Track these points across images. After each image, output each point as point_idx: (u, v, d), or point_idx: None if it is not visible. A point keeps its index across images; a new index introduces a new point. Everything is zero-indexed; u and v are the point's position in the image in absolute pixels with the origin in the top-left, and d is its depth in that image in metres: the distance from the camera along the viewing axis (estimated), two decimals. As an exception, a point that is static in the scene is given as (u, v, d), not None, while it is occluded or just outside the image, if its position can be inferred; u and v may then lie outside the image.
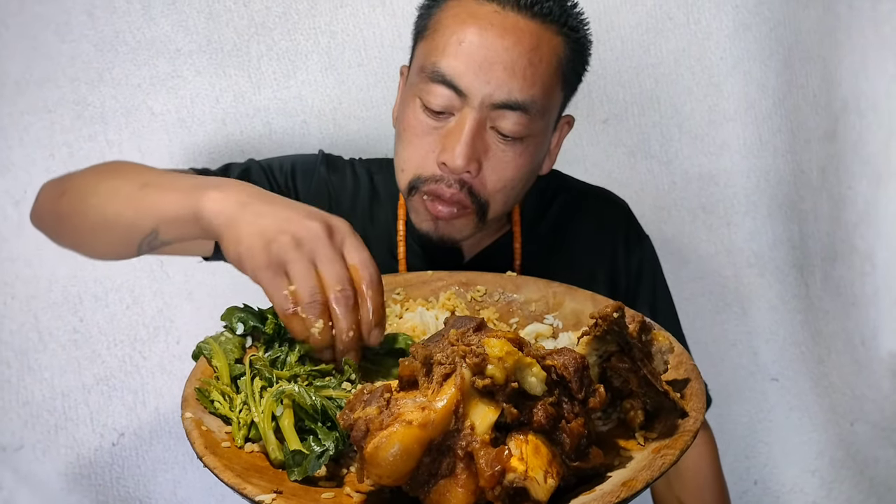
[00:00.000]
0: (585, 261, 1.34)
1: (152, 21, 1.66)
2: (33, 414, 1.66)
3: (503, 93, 1.09)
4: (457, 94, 1.10)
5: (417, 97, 1.14)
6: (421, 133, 1.14)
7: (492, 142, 1.13)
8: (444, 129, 1.12)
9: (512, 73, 1.09)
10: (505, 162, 1.14)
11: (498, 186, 1.15)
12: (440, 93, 1.11)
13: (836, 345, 1.91)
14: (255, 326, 0.93)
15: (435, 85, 1.11)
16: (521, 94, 1.10)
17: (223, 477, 0.69)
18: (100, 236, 1.08)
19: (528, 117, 1.12)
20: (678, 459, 0.73)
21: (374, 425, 0.66)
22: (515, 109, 1.10)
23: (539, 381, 0.70)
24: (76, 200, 1.10)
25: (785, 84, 1.83)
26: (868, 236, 1.91)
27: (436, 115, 1.13)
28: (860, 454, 1.89)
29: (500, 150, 1.13)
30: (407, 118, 1.16)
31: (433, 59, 1.12)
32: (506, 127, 1.11)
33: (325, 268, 0.83)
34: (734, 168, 1.85)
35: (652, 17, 1.79)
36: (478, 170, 1.13)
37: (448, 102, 1.11)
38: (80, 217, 1.08)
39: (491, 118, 1.11)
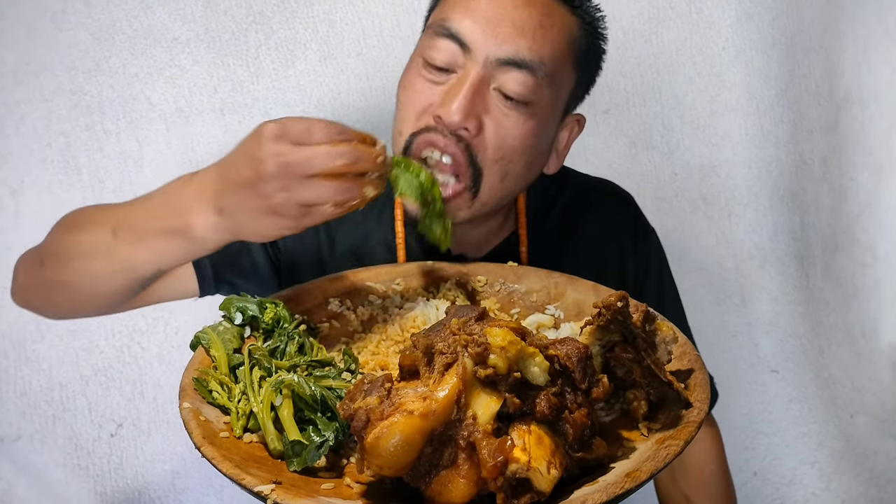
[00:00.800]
0: (593, 258, 1.30)
1: (149, 10, 1.65)
2: (31, 404, 1.66)
3: (510, 49, 1.04)
4: (461, 49, 1.05)
5: (420, 56, 1.10)
6: (420, 89, 1.08)
7: (494, 104, 1.06)
8: (444, 86, 1.07)
9: (521, 31, 1.05)
10: (507, 127, 1.07)
11: (497, 154, 1.07)
12: (444, 46, 1.06)
13: (836, 336, 1.91)
14: (254, 316, 0.93)
15: (440, 39, 1.06)
16: (528, 52, 1.05)
17: (221, 467, 0.69)
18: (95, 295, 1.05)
19: (535, 79, 1.06)
20: (683, 450, 0.72)
21: (375, 415, 0.65)
22: (521, 68, 1.05)
23: (542, 371, 0.70)
24: (59, 267, 1.06)
25: (787, 74, 1.82)
26: (869, 228, 1.90)
27: (438, 71, 1.07)
28: (860, 446, 1.89)
29: (503, 112, 1.06)
30: (406, 77, 1.12)
31: (441, 16, 1.09)
32: (510, 87, 1.05)
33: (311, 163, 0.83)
34: (736, 159, 1.84)
35: (654, 7, 1.78)
36: (477, 128, 1.05)
37: (451, 57, 1.06)
38: (69, 283, 1.05)
39: (496, 78, 1.05)
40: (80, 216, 1.10)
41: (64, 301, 1.09)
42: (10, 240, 1.64)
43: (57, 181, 1.65)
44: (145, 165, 1.68)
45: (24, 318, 1.66)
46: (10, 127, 1.63)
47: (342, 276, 1.09)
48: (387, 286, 1.09)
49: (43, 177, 1.64)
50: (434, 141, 1.06)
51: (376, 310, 1.05)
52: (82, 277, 1.03)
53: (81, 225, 1.06)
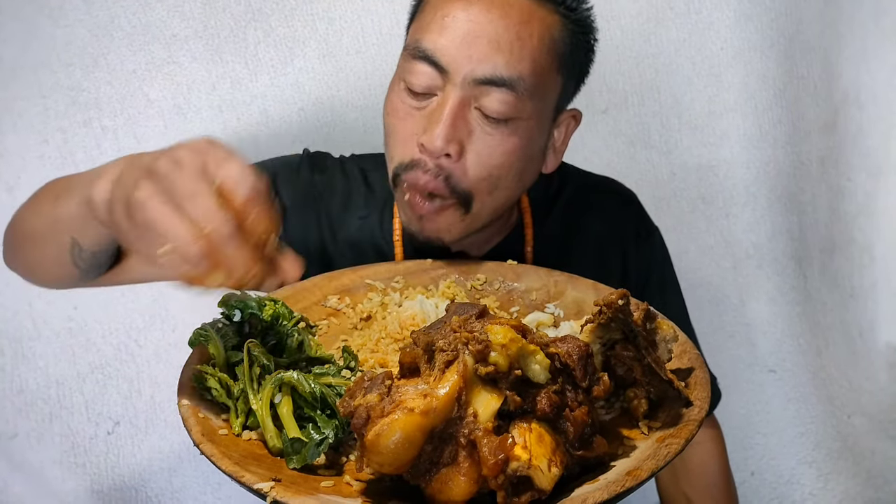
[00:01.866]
0: (596, 256, 1.29)
1: (148, 6, 1.64)
2: (28, 402, 1.65)
3: (487, 67, 1.01)
4: (438, 72, 1.03)
5: (401, 79, 1.08)
6: (403, 116, 1.07)
7: (476, 124, 1.04)
8: (426, 109, 1.05)
9: (497, 47, 1.01)
10: (490, 146, 1.05)
11: (482, 174, 1.06)
12: (422, 70, 1.04)
13: (833, 336, 1.91)
14: (253, 314, 0.92)
15: (416, 63, 1.04)
16: (506, 69, 1.02)
17: (221, 465, 0.68)
18: (39, 260, 0.98)
19: (515, 96, 1.03)
20: (683, 449, 0.72)
21: (376, 412, 0.65)
22: (500, 86, 1.02)
23: (542, 369, 0.69)
24: (16, 231, 1.02)
25: (785, 75, 1.82)
26: (867, 228, 1.90)
27: (418, 96, 1.05)
28: (857, 446, 1.90)
29: (485, 132, 1.05)
30: (391, 102, 1.10)
31: (416, 36, 1.06)
32: (490, 106, 1.03)
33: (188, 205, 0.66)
34: (734, 159, 1.85)
35: (653, 7, 1.78)
36: (459, 153, 1.04)
37: (430, 81, 1.04)
38: (26, 249, 1.00)
39: (475, 97, 1.03)
40: (45, 185, 1.03)
41: (24, 265, 1.04)
42: (6, 236, 1.64)
43: (54, 177, 1.64)
44: (143, 163, 1.67)
45: (20, 315, 1.65)
46: (7, 123, 1.62)
47: (341, 274, 1.08)
48: (386, 284, 1.09)
49: (40, 173, 1.63)
50: (416, 181, 1.05)
51: (375, 307, 1.05)
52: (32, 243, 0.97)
53: (40, 191, 1.01)
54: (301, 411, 0.77)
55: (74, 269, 0.94)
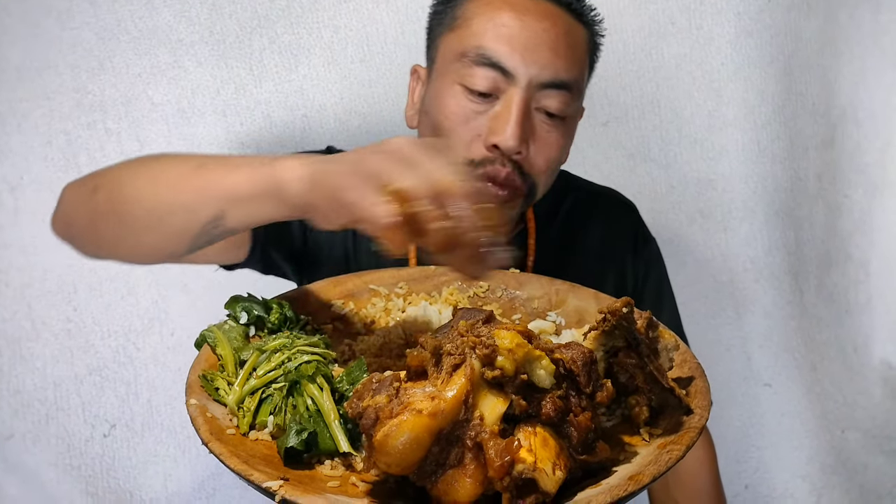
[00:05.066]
0: (595, 261, 1.34)
1: (154, 10, 1.65)
2: (24, 403, 1.65)
3: (550, 72, 1.11)
4: (503, 75, 1.11)
5: (457, 84, 1.14)
6: (465, 119, 1.13)
7: (538, 123, 1.15)
8: (490, 113, 1.13)
9: (556, 54, 1.12)
10: (550, 142, 1.15)
11: (544, 167, 1.16)
12: (486, 75, 1.11)
13: (828, 352, 1.93)
14: (259, 316, 0.93)
15: (480, 68, 1.11)
16: (566, 73, 1.13)
17: (230, 463, 0.69)
18: (149, 231, 0.92)
19: (571, 96, 1.15)
20: (684, 455, 0.73)
21: (384, 413, 0.65)
22: (561, 88, 1.13)
23: (548, 374, 0.70)
24: (116, 194, 0.94)
25: (784, 91, 1.84)
26: (863, 245, 1.92)
27: (480, 98, 1.12)
28: (851, 461, 1.91)
29: (546, 130, 1.15)
30: (447, 107, 1.15)
31: (475, 43, 1.13)
32: (552, 106, 1.13)
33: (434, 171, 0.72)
34: (732, 173, 1.86)
35: (654, 22, 1.80)
36: (527, 150, 1.14)
37: (494, 84, 1.11)
38: (123, 212, 0.93)
39: (536, 99, 1.13)
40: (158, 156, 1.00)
41: (108, 234, 0.97)
42: (7, 237, 1.64)
43: (57, 179, 1.65)
44: (146, 166, 1.68)
45: (19, 316, 1.65)
46: (12, 124, 1.62)
47: (346, 279, 1.09)
48: (389, 289, 1.09)
49: (43, 174, 1.64)
50: (496, 175, 1.13)
51: (379, 313, 1.05)
52: (138, 210, 0.92)
53: (160, 159, 0.97)
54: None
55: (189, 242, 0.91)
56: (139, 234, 0.94)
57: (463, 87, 1.13)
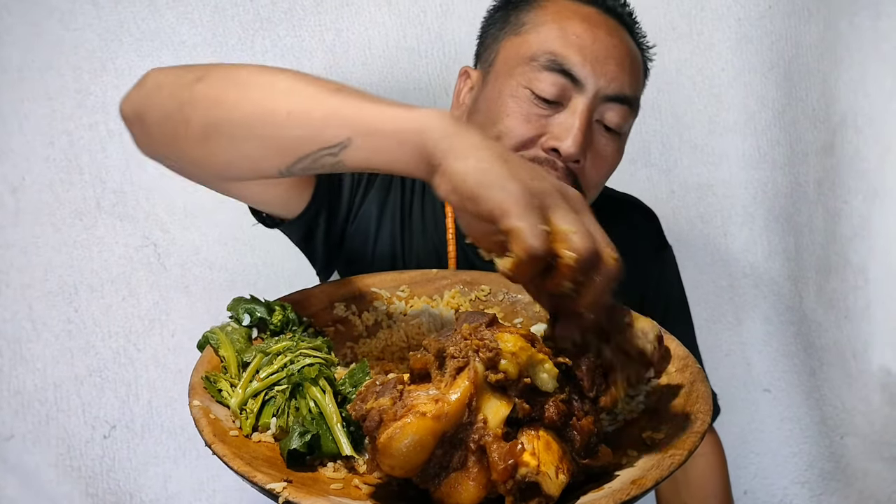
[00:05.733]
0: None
1: (157, 12, 1.65)
2: (24, 404, 1.65)
3: (616, 86, 1.12)
4: (572, 83, 1.11)
5: (523, 87, 1.13)
6: (526, 119, 1.12)
7: (597, 135, 1.15)
8: (553, 118, 1.12)
9: (623, 68, 1.13)
10: (605, 155, 1.16)
11: (596, 179, 1.17)
12: (555, 81, 1.11)
13: (827, 357, 1.93)
14: (262, 318, 0.93)
15: (549, 73, 1.11)
16: (630, 88, 1.14)
17: (233, 465, 0.69)
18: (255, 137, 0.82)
19: (631, 112, 1.16)
20: (686, 459, 0.73)
21: (388, 416, 0.65)
22: (623, 103, 1.14)
23: (551, 378, 0.70)
24: (224, 90, 0.84)
25: (784, 97, 1.85)
26: (862, 250, 1.93)
27: (545, 103, 1.12)
28: (850, 467, 1.91)
29: (603, 143, 1.15)
30: (509, 106, 1.13)
31: (547, 48, 1.13)
32: (612, 119, 1.14)
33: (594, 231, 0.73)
34: (732, 179, 1.87)
35: (655, 27, 1.78)
36: (584, 160, 1.13)
37: (562, 91, 1.12)
38: (234, 108, 0.82)
39: (598, 110, 1.13)
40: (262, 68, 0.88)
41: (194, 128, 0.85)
42: (9, 237, 1.64)
43: (58, 180, 1.65)
44: (147, 166, 1.68)
45: (19, 317, 1.65)
46: (14, 124, 1.63)
47: (348, 281, 1.09)
48: (391, 292, 1.10)
49: (44, 175, 1.64)
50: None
51: (381, 316, 1.05)
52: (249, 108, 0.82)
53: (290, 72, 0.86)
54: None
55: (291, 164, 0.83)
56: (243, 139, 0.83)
57: (529, 91, 1.13)
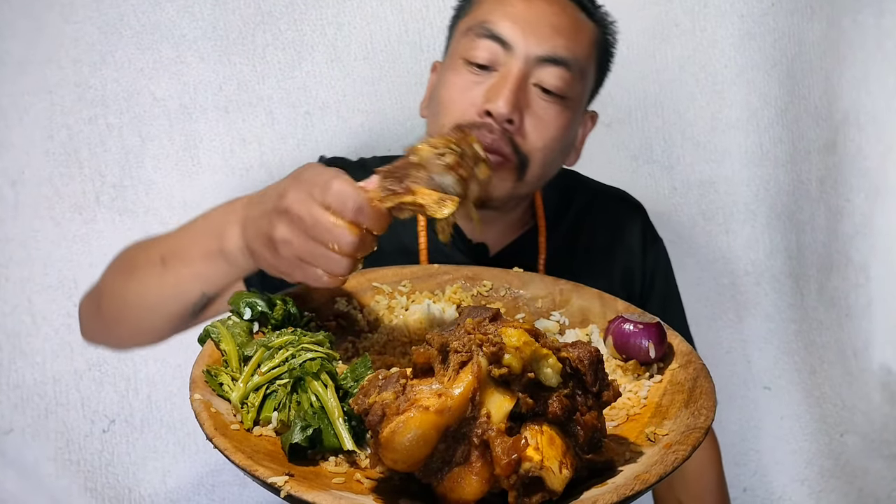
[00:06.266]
0: (604, 260, 1.34)
1: (157, 6, 1.65)
2: (24, 398, 1.64)
3: (548, 47, 1.14)
4: (502, 47, 1.14)
5: (460, 57, 1.17)
6: (462, 88, 1.15)
7: (534, 98, 1.15)
8: (486, 83, 1.14)
9: (557, 31, 1.15)
10: (546, 120, 1.16)
11: (538, 143, 1.16)
12: (486, 46, 1.14)
13: (828, 355, 1.93)
14: (263, 312, 0.93)
15: (481, 40, 1.15)
16: (565, 50, 1.15)
17: (235, 458, 0.68)
18: (156, 321, 1.10)
19: (570, 75, 1.16)
20: (690, 455, 0.73)
21: (391, 410, 0.65)
22: (559, 64, 1.14)
23: (554, 373, 0.70)
24: (115, 306, 1.12)
25: (787, 95, 1.84)
26: (863, 248, 1.92)
27: (479, 69, 1.15)
28: (849, 465, 1.91)
29: (542, 106, 1.16)
30: (449, 79, 1.18)
31: (480, 19, 1.16)
32: (549, 82, 1.15)
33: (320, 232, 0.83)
34: (734, 176, 1.86)
35: (658, 24, 1.80)
36: (520, 122, 1.14)
37: (493, 56, 1.14)
38: (127, 317, 1.12)
39: (534, 74, 1.14)
40: (131, 254, 1.15)
41: (125, 334, 1.16)
42: (8, 231, 1.64)
43: (58, 173, 1.64)
44: (147, 161, 1.68)
45: (19, 310, 1.65)
46: (13, 117, 1.62)
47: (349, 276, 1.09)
48: (393, 287, 1.09)
49: (44, 168, 1.64)
50: (482, 138, 1.11)
51: (382, 310, 1.05)
52: (138, 311, 1.09)
53: (133, 262, 1.12)
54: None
55: (191, 320, 1.10)
56: (150, 326, 1.11)
57: (465, 61, 1.16)
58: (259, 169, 1.71)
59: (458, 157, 0.87)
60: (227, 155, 1.70)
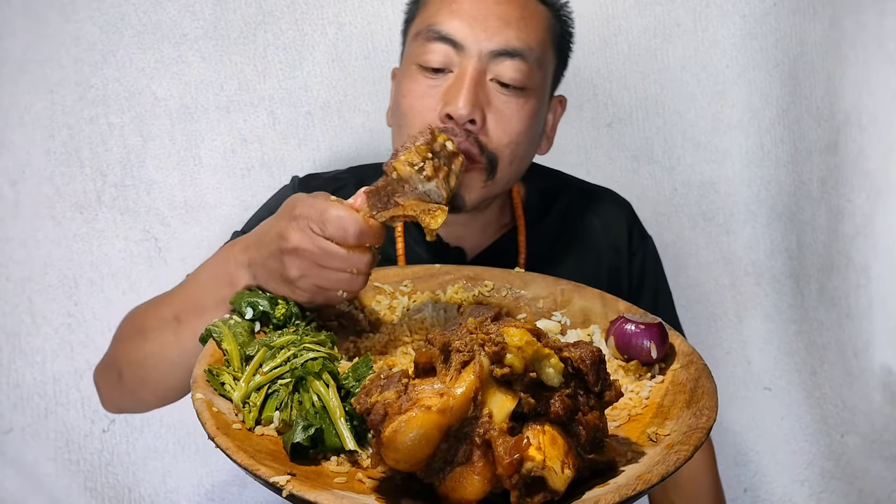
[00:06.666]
0: (590, 259, 1.33)
1: (159, 5, 1.64)
2: (23, 397, 1.64)
3: (500, 40, 1.12)
4: (454, 49, 1.12)
5: (414, 63, 1.15)
6: (420, 95, 1.14)
7: (493, 94, 1.13)
8: (443, 86, 1.13)
9: (506, 23, 1.13)
10: (508, 114, 1.14)
11: (504, 139, 1.14)
12: (438, 49, 1.13)
13: (829, 356, 1.92)
14: (265, 312, 0.93)
15: (432, 44, 1.13)
16: (517, 41, 1.13)
17: (236, 458, 0.68)
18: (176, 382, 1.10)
19: (527, 65, 1.14)
20: (692, 455, 0.73)
21: (393, 409, 0.65)
22: (514, 56, 1.13)
23: (556, 373, 0.70)
24: (136, 372, 1.12)
25: (788, 95, 1.84)
26: (864, 249, 1.92)
27: (434, 73, 1.14)
28: (850, 465, 1.90)
29: (503, 101, 1.14)
30: (405, 87, 1.17)
31: (428, 22, 1.15)
32: (506, 75, 1.13)
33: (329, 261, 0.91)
34: (735, 176, 1.86)
35: (660, 23, 1.80)
36: (482, 120, 1.12)
37: (446, 58, 1.13)
38: (152, 381, 1.12)
39: (490, 70, 1.13)
40: (140, 319, 1.14)
41: (150, 397, 1.16)
42: (8, 230, 1.64)
43: (59, 173, 1.64)
44: (148, 160, 1.68)
45: (19, 310, 1.65)
46: (14, 116, 1.62)
47: (350, 276, 1.08)
48: (394, 287, 1.09)
49: (45, 168, 1.64)
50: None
51: (384, 311, 1.05)
52: (161, 372, 1.09)
53: (145, 325, 1.11)
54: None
55: None
56: (174, 385, 1.11)
57: (419, 67, 1.15)
58: (260, 169, 1.70)
59: (435, 163, 0.93)
60: (229, 154, 1.70)
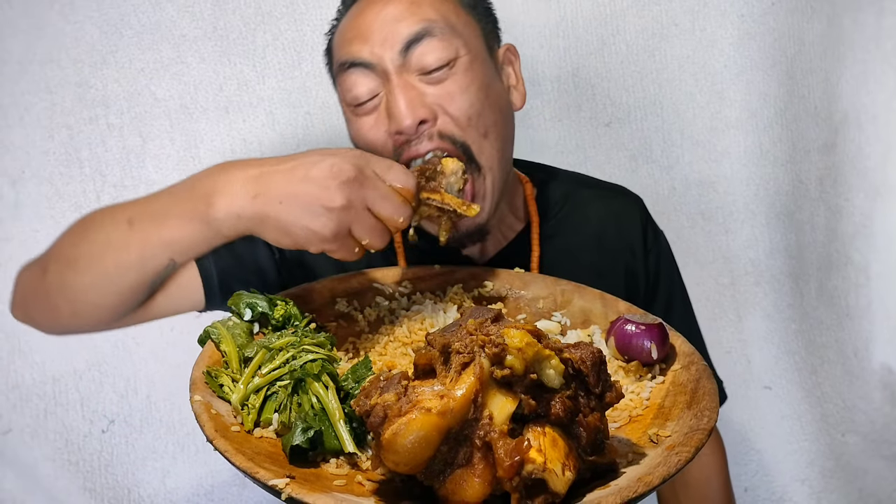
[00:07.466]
0: (606, 257, 1.29)
1: (158, 6, 1.64)
2: (23, 397, 1.64)
3: (400, 36, 1.08)
4: (368, 70, 1.09)
5: (347, 106, 1.14)
6: (368, 129, 1.11)
7: (426, 86, 1.09)
8: (381, 109, 1.10)
9: (397, 18, 1.09)
10: (451, 93, 1.09)
11: (462, 117, 1.10)
12: (355, 81, 1.10)
13: (829, 355, 1.92)
14: (264, 313, 0.93)
15: (346, 76, 1.11)
16: (415, 24, 1.09)
17: (235, 461, 0.68)
18: (104, 294, 0.99)
19: (438, 39, 1.09)
20: (693, 457, 0.73)
21: (393, 412, 0.65)
22: (420, 40, 1.08)
23: (557, 374, 0.70)
24: (63, 270, 1.00)
25: (787, 94, 1.84)
26: (863, 248, 1.92)
27: (366, 105, 1.11)
28: (850, 464, 1.90)
29: (439, 86, 1.10)
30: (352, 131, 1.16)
31: (338, 61, 1.14)
32: (425, 62, 1.09)
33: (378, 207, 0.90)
34: (734, 176, 1.86)
35: (658, 23, 1.80)
36: (432, 115, 1.08)
37: (368, 85, 1.10)
38: (74, 285, 0.99)
39: (410, 66, 1.09)
40: (93, 215, 1.03)
41: (64, 307, 1.02)
42: (8, 230, 1.64)
43: (58, 173, 1.64)
44: (147, 161, 1.68)
45: (18, 310, 1.64)
46: (14, 117, 1.62)
47: (350, 277, 1.09)
48: (394, 288, 1.09)
49: (44, 168, 1.64)
50: (418, 152, 1.09)
51: (383, 311, 1.05)
52: (89, 277, 0.97)
53: (94, 222, 1.01)
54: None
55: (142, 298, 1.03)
56: (96, 300, 0.99)
57: (351, 108, 1.13)
58: (259, 169, 1.70)
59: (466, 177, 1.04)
60: (228, 155, 1.70)
